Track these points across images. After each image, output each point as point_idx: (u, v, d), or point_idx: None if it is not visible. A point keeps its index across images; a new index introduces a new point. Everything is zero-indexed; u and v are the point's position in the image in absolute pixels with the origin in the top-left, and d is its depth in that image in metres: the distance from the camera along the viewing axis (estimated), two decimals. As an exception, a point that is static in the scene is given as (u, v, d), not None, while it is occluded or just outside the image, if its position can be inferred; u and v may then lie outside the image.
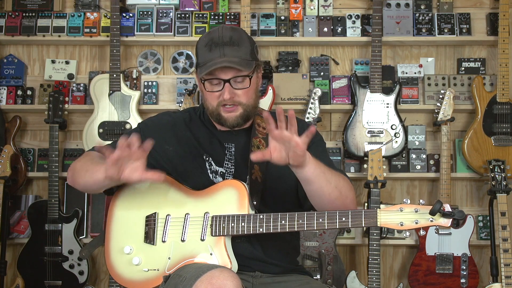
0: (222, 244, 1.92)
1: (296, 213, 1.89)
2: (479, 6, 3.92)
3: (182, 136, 2.12)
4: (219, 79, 2.01)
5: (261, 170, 2.03)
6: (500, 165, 3.49)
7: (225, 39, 2.00)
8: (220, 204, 1.96)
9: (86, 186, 2.06)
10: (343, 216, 1.85)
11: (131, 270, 2.00)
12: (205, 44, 2.03)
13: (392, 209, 1.84)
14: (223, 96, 2.01)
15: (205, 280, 1.74)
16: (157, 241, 1.99)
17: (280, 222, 1.89)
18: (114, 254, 2.05)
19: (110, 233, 2.08)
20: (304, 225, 1.87)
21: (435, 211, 1.78)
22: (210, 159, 2.08)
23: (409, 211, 1.82)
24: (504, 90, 3.64)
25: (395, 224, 1.82)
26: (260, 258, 2.02)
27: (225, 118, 2.05)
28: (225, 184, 2.00)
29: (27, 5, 3.85)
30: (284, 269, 2.07)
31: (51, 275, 3.60)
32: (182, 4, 3.85)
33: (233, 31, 2.05)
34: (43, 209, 3.62)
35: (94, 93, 3.71)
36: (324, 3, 3.85)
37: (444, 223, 1.80)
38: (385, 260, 3.87)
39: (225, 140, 2.10)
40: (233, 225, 1.91)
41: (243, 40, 2.04)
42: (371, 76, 3.68)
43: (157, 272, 1.96)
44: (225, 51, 1.99)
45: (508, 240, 3.35)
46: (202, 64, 2.02)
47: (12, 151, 3.64)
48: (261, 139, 2.09)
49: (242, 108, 2.04)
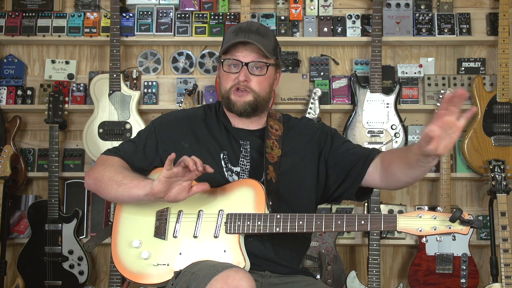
0: (236, 242, 1.93)
1: (314, 215, 1.90)
2: (479, 6, 3.92)
3: (198, 133, 2.12)
4: (238, 61, 2.05)
5: (275, 171, 2.04)
6: (500, 165, 3.49)
7: (253, 28, 2.06)
8: (236, 203, 1.97)
9: (118, 199, 2.03)
10: (362, 219, 1.87)
11: (139, 264, 1.99)
12: (233, 31, 2.09)
13: (412, 215, 1.85)
14: (239, 78, 2.05)
15: (220, 279, 1.73)
16: (168, 236, 1.98)
17: (297, 223, 1.90)
18: (121, 247, 2.03)
19: (118, 226, 2.06)
20: (322, 226, 1.89)
21: (455, 218, 1.79)
22: (226, 157, 2.08)
23: (428, 218, 1.84)
24: (504, 90, 3.64)
25: (414, 230, 1.84)
26: (270, 258, 2.02)
27: (234, 102, 2.07)
28: (241, 183, 2.01)
29: (27, 5, 3.85)
30: (293, 270, 2.08)
31: (51, 275, 3.60)
32: (182, 4, 3.85)
33: (262, 25, 2.13)
34: (43, 209, 3.62)
35: (94, 93, 3.71)
36: (324, 3, 3.85)
37: (463, 230, 1.82)
38: (385, 260, 3.87)
39: (240, 138, 2.11)
40: (249, 224, 1.92)
41: (269, 35, 2.10)
42: (371, 76, 3.68)
43: (167, 267, 1.95)
44: (250, 36, 2.04)
45: (508, 240, 3.35)
46: (225, 46, 2.07)
47: (12, 151, 3.64)
48: (274, 141, 2.10)
49: (253, 96, 2.07)
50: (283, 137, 2.14)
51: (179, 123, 2.15)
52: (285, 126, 2.18)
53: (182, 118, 2.18)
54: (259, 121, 2.16)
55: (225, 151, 2.09)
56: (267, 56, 2.06)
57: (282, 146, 2.11)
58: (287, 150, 2.11)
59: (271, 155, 2.07)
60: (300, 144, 2.14)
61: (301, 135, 2.17)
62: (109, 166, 2.06)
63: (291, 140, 2.15)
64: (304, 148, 2.13)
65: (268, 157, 2.06)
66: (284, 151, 2.10)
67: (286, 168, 2.08)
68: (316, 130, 2.18)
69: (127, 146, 2.15)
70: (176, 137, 2.11)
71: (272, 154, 2.07)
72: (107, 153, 2.14)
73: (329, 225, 1.88)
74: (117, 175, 2.00)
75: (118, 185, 1.98)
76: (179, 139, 2.11)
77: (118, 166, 2.05)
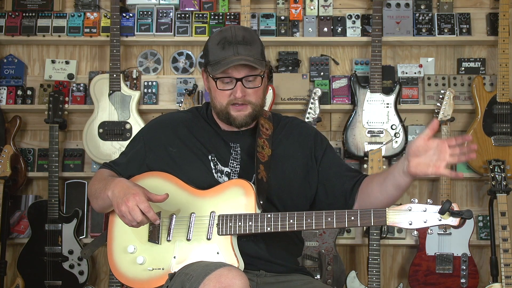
0: (229, 243, 1.93)
1: (304, 212, 1.90)
2: (479, 6, 3.92)
3: (184, 137, 2.11)
4: (231, 78, 2.01)
5: (266, 170, 2.03)
6: (500, 165, 3.49)
7: (238, 38, 2.01)
8: (227, 204, 1.97)
9: (104, 209, 2.08)
10: (352, 215, 1.86)
11: (135, 269, 2.00)
12: (218, 43, 2.02)
13: (401, 209, 1.85)
14: (235, 95, 2.01)
15: (213, 278, 1.73)
16: (162, 240, 1.99)
17: (288, 221, 1.90)
18: (117, 253, 2.04)
19: (112, 232, 2.08)
20: (312, 224, 1.89)
21: (444, 211, 1.79)
22: (215, 159, 2.07)
23: (418, 211, 1.84)
24: (504, 90, 3.64)
25: (404, 224, 1.84)
26: (265, 257, 2.02)
27: (234, 117, 2.05)
28: (231, 184, 2.00)
29: (27, 5, 3.85)
30: (288, 269, 2.07)
31: (51, 275, 3.60)
32: (182, 4, 3.85)
33: (245, 30, 2.06)
34: (43, 209, 3.62)
35: (94, 93, 3.71)
36: (324, 3, 3.85)
37: (453, 222, 1.81)
38: (385, 260, 3.87)
39: (230, 140, 2.10)
40: (240, 224, 1.92)
41: (255, 40, 2.06)
42: (371, 76, 3.68)
43: (162, 271, 1.96)
44: (239, 50, 1.99)
45: (508, 240, 3.35)
46: (214, 62, 2.01)
47: (12, 151, 3.64)
48: (265, 140, 2.09)
49: (252, 108, 2.05)
50: (273, 136, 2.12)
51: (165, 128, 2.15)
52: (275, 125, 2.16)
53: (168, 123, 2.17)
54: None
55: (213, 153, 2.07)
56: (259, 66, 2.02)
57: (272, 145, 2.10)
58: (277, 149, 2.10)
59: (262, 154, 2.06)
60: (292, 145, 2.13)
61: (293, 135, 2.15)
62: (97, 180, 2.10)
63: (282, 140, 2.13)
64: (296, 150, 2.12)
65: (259, 156, 2.05)
66: (275, 151, 2.09)
67: (277, 167, 2.06)
68: (309, 135, 2.16)
69: (119, 158, 2.19)
70: (164, 143, 2.11)
71: (263, 153, 2.06)
72: (102, 167, 2.18)
73: (320, 223, 1.88)
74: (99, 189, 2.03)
75: (96, 199, 2.05)
76: (166, 144, 2.11)
77: (102, 178, 2.07)
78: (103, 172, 2.14)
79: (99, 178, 2.09)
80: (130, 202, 1.85)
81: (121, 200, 1.87)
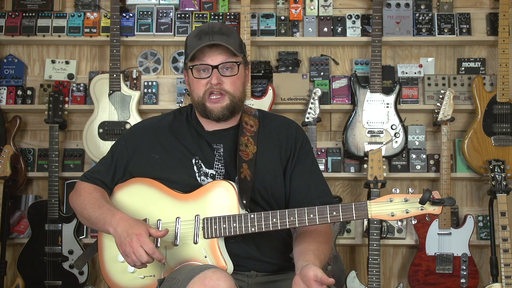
0: (215, 246, 1.92)
1: (286, 210, 1.89)
2: (479, 6, 3.92)
3: (166, 142, 2.09)
4: (207, 65, 2.00)
5: (249, 169, 2.01)
6: (500, 165, 3.49)
7: (215, 29, 2.01)
8: (210, 206, 1.95)
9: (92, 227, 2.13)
10: (334, 210, 1.86)
11: (127, 278, 2.00)
12: (195, 35, 2.03)
13: (382, 200, 1.84)
14: (211, 81, 1.99)
15: (197, 281, 1.74)
16: None
17: (271, 220, 1.89)
18: (108, 263, 2.05)
19: (102, 242, 2.08)
20: (295, 221, 1.88)
21: (425, 200, 1.78)
22: (200, 161, 2.05)
23: (399, 201, 1.82)
24: (504, 90, 3.64)
25: (386, 215, 1.83)
26: (255, 257, 2.01)
27: (210, 109, 2.02)
28: (213, 185, 1.98)
29: (27, 5, 3.85)
30: (280, 267, 2.06)
31: (51, 275, 3.60)
32: (182, 4, 3.85)
33: (223, 24, 2.07)
34: (43, 209, 3.62)
35: (94, 93, 3.71)
36: (324, 3, 3.85)
37: (435, 211, 1.80)
38: (385, 260, 3.87)
39: (213, 141, 2.08)
40: (225, 226, 1.91)
41: (232, 32, 2.05)
42: (371, 76, 3.68)
43: (153, 278, 1.96)
44: (215, 37, 1.98)
45: (508, 240, 3.35)
46: (190, 53, 2.01)
47: (12, 151, 3.64)
48: (249, 137, 2.07)
49: (229, 99, 2.02)
50: (259, 133, 2.10)
51: (147, 134, 2.13)
52: (260, 122, 2.13)
53: (149, 128, 2.15)
54: (233, 119, 2.11)
55: (197, 156, 2.06)
56: (236, 54, 2.01)
57: (258, 142, 2.07)
58: (263, 146, 2.08)
59: (245, 152, 2.04)
60: (274, 143, 2.10)
61: (276, 133, 2.13)
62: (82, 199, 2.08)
63: (266, 137, 2.11)
64: (276, 148, 2.10)
65: (242, 155, 2.03)
66: (260, 148, 2.07)
67: (262, 165, 2.04)
68: (290, 134, 2.13)
69: (100, 166, 2.16)
70: (146, 149, 2.09)
71: (246, 151, 2.04)
72: (83, 179, 2.15)
73: (302, 220, 1.87)
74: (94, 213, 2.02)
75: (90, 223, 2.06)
76: (149, 150, 2.09)
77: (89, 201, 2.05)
78: (86, 188, 2.10)
79: (88, 199, 2.06)
80: (134, 243, 1.84)
81: (125, 240, 1.86)
